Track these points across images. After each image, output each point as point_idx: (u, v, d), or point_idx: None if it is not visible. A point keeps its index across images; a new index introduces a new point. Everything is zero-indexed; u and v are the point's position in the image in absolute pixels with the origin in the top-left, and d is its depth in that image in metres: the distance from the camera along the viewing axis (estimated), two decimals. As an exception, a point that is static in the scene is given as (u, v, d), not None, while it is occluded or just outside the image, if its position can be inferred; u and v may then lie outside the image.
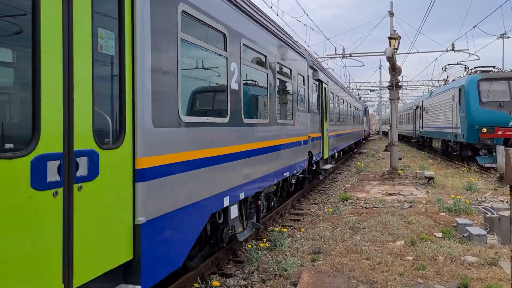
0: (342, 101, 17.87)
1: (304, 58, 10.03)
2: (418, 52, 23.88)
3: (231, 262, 6.33)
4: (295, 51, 9.12)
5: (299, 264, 5.49)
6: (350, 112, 21.96)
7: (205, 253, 5.30)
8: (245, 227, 6.09)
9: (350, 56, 23.60)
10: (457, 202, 8.72)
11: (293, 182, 9.55)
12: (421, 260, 5.55)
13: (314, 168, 10.92)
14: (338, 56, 24.23)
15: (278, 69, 7.65)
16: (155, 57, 3.64)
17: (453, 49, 24.20)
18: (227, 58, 5.21)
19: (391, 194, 10.93)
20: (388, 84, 15.96)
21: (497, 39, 22.88)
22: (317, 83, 11.51)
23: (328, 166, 12.70)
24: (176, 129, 3.98)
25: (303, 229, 7.52)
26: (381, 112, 58.73)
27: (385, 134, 51.40)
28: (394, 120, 15.38)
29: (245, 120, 5.74)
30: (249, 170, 5.82)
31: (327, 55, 25.71)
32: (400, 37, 14.96)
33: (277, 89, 7.47)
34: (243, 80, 5.84)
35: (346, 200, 10.13)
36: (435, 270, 5.21)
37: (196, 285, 4.86)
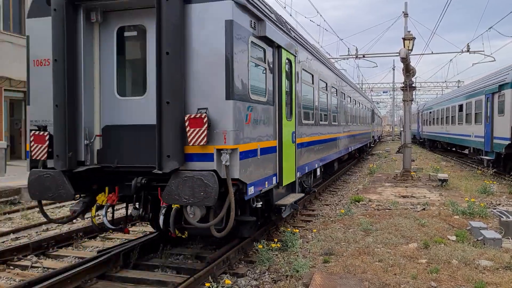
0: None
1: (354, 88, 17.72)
2: (432, 53, 23.63)
3: (243, 262, 6.34)
4: (354, 88, 17.24)
5: (310, 265, 5.47)
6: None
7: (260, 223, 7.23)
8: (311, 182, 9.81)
9: (364, 56, 23.46)
10: (471, 205, 8.61)
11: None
12: (434, 263, 5.49)
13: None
14: (351, 56, 24.11)
15: (332, 91, 12.44)
16: (298, 90, 8.11)
17: (468, 51, 23.90)
18: (313, 88, 9.72)
19: (404, 196, 10.84)
20: (401, 85, 15.82)
21: (513, 40, 22.50)
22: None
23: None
24: (304, 127, 8.68)
25: (314, 230, 7.50)
26: (394, 114, 58.30)
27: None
28: (407, 122, 15.24)
29: (320, 123, 10.46)
30: (323, 149, 10.81)
31: (340, 55, 25.59)
32: (415, 38, 14.83)
33: (332, 102, 12.33)
34: (319, 100, 10.42)
35: (358, 202, 10.06)
36: (448, 273, 5.15)
37: (208, 284, 4.88)
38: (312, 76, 9.65)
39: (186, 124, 5.00)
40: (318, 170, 10.54)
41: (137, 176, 5.33)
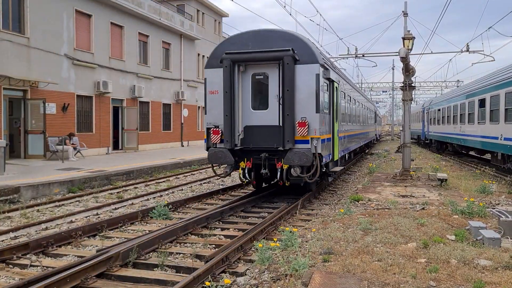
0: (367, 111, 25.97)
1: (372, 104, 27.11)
2: (432, 52, 23.63)
3: (242, 261, 6.35)
4: (365, 97, 23.55)
5: (310, 265, 5.47)
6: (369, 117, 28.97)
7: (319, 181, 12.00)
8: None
9: (363, 56, 23.46)
10: (471, 205, 8.61)
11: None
12: (433, 263, 5.49)
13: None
14: (350, 56, 24.10)
15: (353, 101, 17.45)
16: (339, 104, 12.55)
17: (467, 50, 23.90)
18: (345, 101, 13.96)
19: (403, 196, 10.84)
20: (401, 85, 15.81)
21: (513, 40, 22.48)
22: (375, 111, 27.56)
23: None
24: (342, 126, 13.35)
25: (314, 230, 7.50)
26: (393, 113, 58.29)
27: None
28: (407, 121, 15.25)
29: (348, 124, 14.99)
30: (351, 141, 15.95)
31: (339, 55, 25.59)
32: (414, 38, 14.83)
33: (353, 110, 17.21)
34: (348, 108, 15.26)
35: (358, 201, 10.06)
36: (447, 273, 5.15)
37: (208, 283, 4.87)
38: (344, 94, 14.36)
39: (297, 125, 9.73)
40: (347, 155, 16.20)
41: (264, 153, 9.87)
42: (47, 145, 18.26)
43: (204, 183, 14.96)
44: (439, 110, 27.55)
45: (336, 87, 12.02)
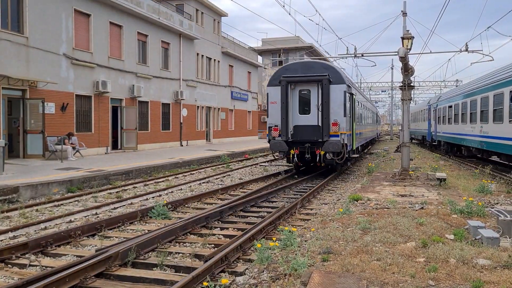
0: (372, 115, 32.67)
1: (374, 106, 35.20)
2: (431, 52, 23.63)
3: (241, 260, 6.35)
4: (368, 99, 27.87)
5: (309, 264, 5.47)
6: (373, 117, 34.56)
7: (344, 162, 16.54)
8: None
9: (362, 56, 23.44)
10: (470, 204, 8.61)
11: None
12: (432, 262, 5.50)
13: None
14: (350, 55, 24.09)
15: (363, 107, 22.51)
16: (355, 109, 17.38)
17: (466, 50, 23.89)
18: (359, 108, 19.09)
19: (402, 195, 10.85)
20: (400, 84, 15.82)
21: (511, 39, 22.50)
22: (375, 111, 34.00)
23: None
24: (357, 126, 18.34)
25: (313, 229, 7.50)
26: (392, 113, 58.31)
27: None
28: (406, 121, 15.26)
29: (360, 124, 19.74)
30: (362, 137, 22.04)
31: (338, 54, 25.62)
32: (413, 37, 14.83)
33: (363, 113, 22.27)
34: (360, 112, 20.71)
35: (357, 201, 10.07)
36: (446, 272, 5.15)
37: (206, 283, 4.87)
38: (358, 102, 19.44)
39: (331, 125, 14.47)
40: (360, 147, 21.70)
41: (307, 143, 14.65)
42: (46, 144, 18.25)
43: (203, 182, 14.96)
44: (450, 107, 23.29)
45: (354, 98, 17.22)
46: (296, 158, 15.04)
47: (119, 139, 24.39)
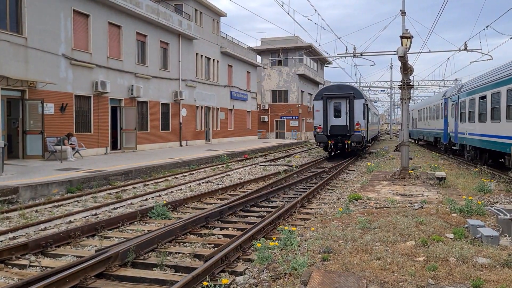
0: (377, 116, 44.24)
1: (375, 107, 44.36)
2: (430, 51, 23.64)
3: (241, 260, 6.35)
4: (374, 106, 39.35)
5: (309, 263, 5.47)
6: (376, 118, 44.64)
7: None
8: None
9: (361, 55, 23.44)
10: (469, 203, 8.62)
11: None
12: (432, 261, 5.50)
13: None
14: (349, 55, 24.08)
15: (370, 111, 29.94)
16: (368, 114, 26.84)
17: (465, 49, 23.88)
18: (368, 112, 27.47)
19: (401, 195, 10.86)
20: (399, 83, 15.83)
21: (510, 38, 22.51)
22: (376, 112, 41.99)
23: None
24: (368, 124, 27.42)
25: (313, 229, 7.50)
26: (391, 112, 58.36)
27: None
28: (405, 120, 15.27)
29: (369, 123, 28.62)
30: (370, 133, 31.11)
31: (338, 54, 25.61)
32: (412, 36, 14.84)
33: (370, 116, 30.27)
34: (369, 115, 29.00)
35: (357, 200, 10.07)
36: (446, 271, 5.16)
37: (206, 283, 4.87)
38: (369, 108, 26.21)
39: (355, 124, 23.32)
40: (370, 139, 31.44)
41: (339, 137, 23.30)
42: (46, 145, 18.24)
43: (202, 182, 14.96)
44: (483, 98, 16.76)
45: (367, 106, 25.41)
46: (331, 146, 23.56)
47: (118, 140, 24.38)
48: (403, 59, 14.26)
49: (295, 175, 16.12)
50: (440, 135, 26.63)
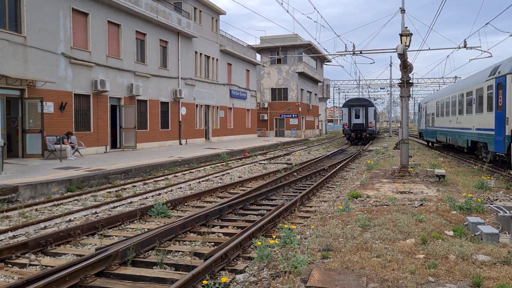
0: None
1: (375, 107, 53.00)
2: (429, 49, 23.64)
3: (241, 258, 6.35)
4: (376, 108, 51.80)
5: (309, 261, 5.48)
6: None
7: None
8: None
9: (361, 53, 23.42)
10: (469, 201, 8.63)
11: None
12: (432, 259, 5.51)
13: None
14: (348, 53, 24.06)
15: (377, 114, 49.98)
16: (377, 115, 52.20)
17: (465, 46, 23.87)
18: (376, 114, 45.41)
19: (401, 192, 10.86)
20: (399, 81, 15.82)
21: (510, 36, 22.50)
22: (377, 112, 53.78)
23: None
24: (378, 123, 55.75)
25: (312, 227, 7.51)
26: (391, 110, 58.41)
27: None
28: (405, 118, 15.26)
29: (377, 123, 48.17)
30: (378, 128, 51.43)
31: (337, 52, 25.59)
32: (412, 34, 14.83)
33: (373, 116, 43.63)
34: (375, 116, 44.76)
35: (356, 198, 10.08)
36: (446, 268, 5.16)
37: (206, 282, 4.88)
38: (375, 111, 42.82)
39: (369, 123, 39.31)
40: (377, 132, 52.59)
41: (358, 130, 39.34)
42: (45, 144, 18.23)
43: (202, 181, 14.97)
44: None
45: (376, 111, 42.17)
46: (353, 136, 38.81)
47: (118, 138, 24.38)
48: (402, 56, 14.25)
49: (294, 173, 16.13)
50: (484, 138, 16.10)
